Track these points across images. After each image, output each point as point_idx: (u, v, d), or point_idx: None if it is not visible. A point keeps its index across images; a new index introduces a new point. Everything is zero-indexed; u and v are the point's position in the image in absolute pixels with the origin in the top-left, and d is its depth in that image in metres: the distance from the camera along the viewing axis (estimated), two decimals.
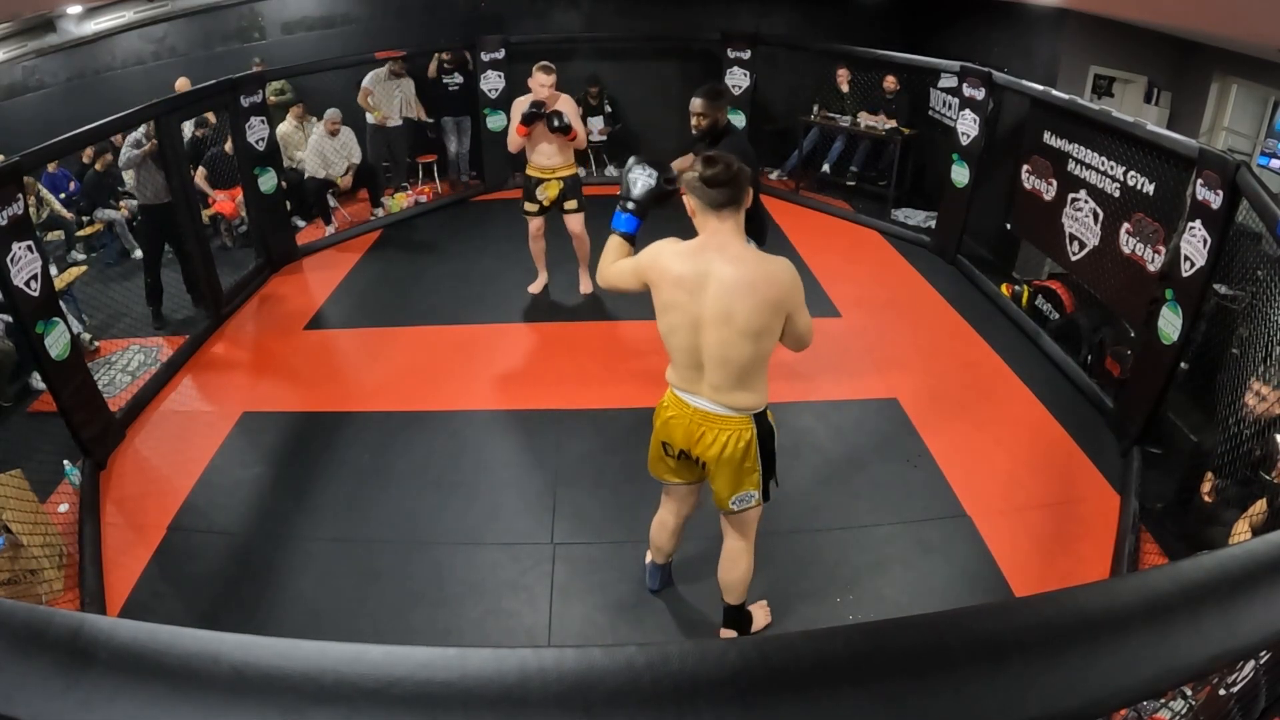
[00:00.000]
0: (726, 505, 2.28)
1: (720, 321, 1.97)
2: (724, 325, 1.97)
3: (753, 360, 2.03)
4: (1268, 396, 2.70)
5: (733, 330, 1.97)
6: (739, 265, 1.96)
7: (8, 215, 3.10)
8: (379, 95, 6.39)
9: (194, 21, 7.09)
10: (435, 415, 3.87)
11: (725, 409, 2.11)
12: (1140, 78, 5.35)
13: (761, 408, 2.16)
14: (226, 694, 0.52)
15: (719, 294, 1.96)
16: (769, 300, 1.96)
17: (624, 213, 2.26)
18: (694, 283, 1.98)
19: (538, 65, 4.20)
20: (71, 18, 6.45)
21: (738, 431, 2.13)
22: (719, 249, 1.98)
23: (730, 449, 2.14)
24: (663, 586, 2.85)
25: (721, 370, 2.04)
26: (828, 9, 7.26)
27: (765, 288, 1.95)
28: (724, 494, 2.25)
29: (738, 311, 1.95)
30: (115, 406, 3.81)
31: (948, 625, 0.56)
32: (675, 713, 0.51)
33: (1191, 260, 3.21)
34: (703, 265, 1.98)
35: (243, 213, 5.85)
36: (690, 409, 2.15)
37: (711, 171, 1.95)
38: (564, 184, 4.51)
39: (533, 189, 4.52)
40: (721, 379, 2.06)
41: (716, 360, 2.03)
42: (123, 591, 2.89)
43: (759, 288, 1.95)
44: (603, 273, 2.24)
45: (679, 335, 2.06)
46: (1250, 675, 1.00)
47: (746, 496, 2.25)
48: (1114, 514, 3.18)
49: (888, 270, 5.56)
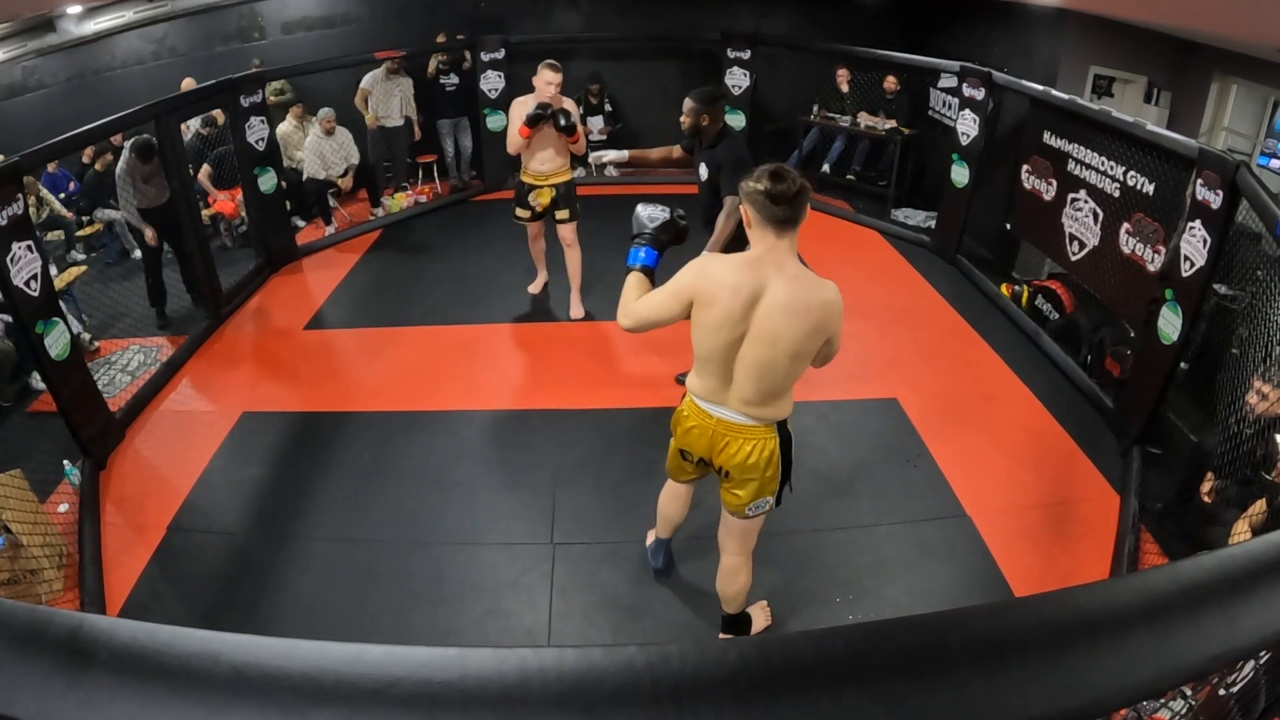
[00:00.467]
0: (742, 512, 2.23)
1: (765, 340, 1.94)
2: (768, 345, 1.94)
3: (787, 378, 2.02)
4: (1270, 396, 2.70)
5: (777, 351, 1.95)
6: (794, 286, 1.92)
7: (8, 215, 3.10)
8: (378, 95, 6.39)
9: (194, 21, 7.09)
10: (435, 415, 3.87)
11: (751, 420, 2.09)
12: (1140, 78, 5.35)
13: (785, 417, 2.13)
14: (226, 694, 0.52)
15: (770, 313, 1.92)
16: (817, 325, 1.93)
17: (641, 247, 2.20)
18: (749, 295, 1.93)
19: (544, 64, 4.05)
20: (71, 18, 6.45)
21: (762, 441, 2.11)
22: (775, 265, 1.93)
23: (755, 457, 2.11)
24: (667, 566, 2.84)
25: (755, 386, 2.02)
26: (828, 9, 7.26)
27: (817, 312, 1.93)
28: (742, 501, 2.21)
29: (784, 333, 1.92)
30: (115, 406, 3.81)
31: (948, 625, 0.56)
32: (675, 713, 0.50)
33: (1191, 260, 3.21)
34: (758, 280, 1.93)
35: (243, 213, 5.85)
36: (713, 419, 2.12)
37: (779, 188, 1.87)
38: (557, 191, 4.38)
39: (525, 195, 4.41)
40: (753, 394, 2.04)
41: (753, 376, 2.00)
42: (123, 591, 2.89)
43: (812, 312, 1.92)
44: (630, 311, 2.12)
45: (717, 346, 2.01)
46: (1250, 675, 1.00)
47: (762, 503, 2.22)
48: (1114, 514, 3.18)
49: (888, 270, 5.56)
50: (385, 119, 6.49)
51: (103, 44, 6.79)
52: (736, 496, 2.21)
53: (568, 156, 4.37)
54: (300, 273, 5.66)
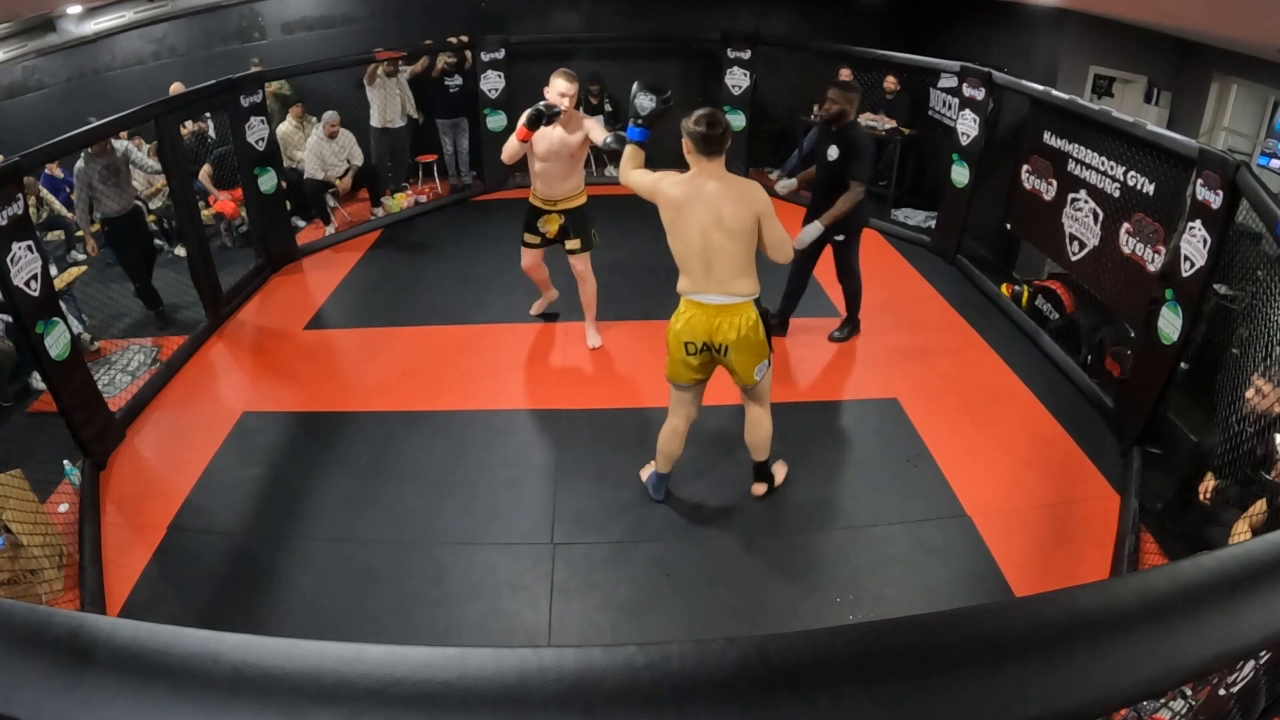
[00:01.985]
0: (751, 379, 2.83)
1: (714, 225, 2.61)
2: (717, 228, 2.61)
3: (744, 255, 2.66)
4: (1267, 393, 2.70)
5: (723, 231, 2.61)
6: (723, 182, 2.64)
7: (8, 215, 3.10)
8: (381, 99, 6.40)
9: (194, 21, 7.10)
10: (435, 415, 3.87)
11: (732, 297, 2.69)
12: (1140, 78, 5.35)
13: (756, 294, 2.74)
14: (226, 694, 0.52)
15: (710, 203, 2.61)
16: (747, 202, 2.62)
17: (635, 126, 2.86)
18: (688, 199, 2.63)
19: (559, 71, 3.70)
20: (71, 18, 6.45)
21: (744, 314, 2.72)
22: (707, 174, 2.64)
23: (744, 329, 2.71)
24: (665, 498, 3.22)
25: (725, 266, 2.65)
26: (828, 9, 7.27)
27: (743, 192, 2.63)
28: (747, 370, 2.80)
29: (726, 214, 2.60)
30: (115, 406, 3.81)
31: (948, 625, 0.56)
32: (675, 713, 0.51)
33: (1191, 260, 3.21)
34: (695, 187, 2.64)
35: (243, 212, 5.85)
36: (706, 306, 2.71)
37: (712, 132, 2.59)
38: (565, 218, 4.00)
39: (534, 220, 4.05)
40: (726, 273, 2.66)
41: (726, 258, 2.64)
42: (123, 591, 2.90)
43: (740, 194, 2.62)
44: (625, 175, 2.86)
45: (688, 245, 2.66)
46: (1250, 675, 1.00)
47: (762, 366, 2.83)
48: (1114, 514, 3.18)
49: (888, 270, 5.55)
50: (390, 121, 6.51)
51: (103, 44, 6.79)
52: (743, 368, 2.79)
53: (579, 180, 3.96)
54: (300, 273, 5.66)
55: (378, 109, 6.46)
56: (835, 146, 3.97)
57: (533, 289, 4.67)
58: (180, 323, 4.88)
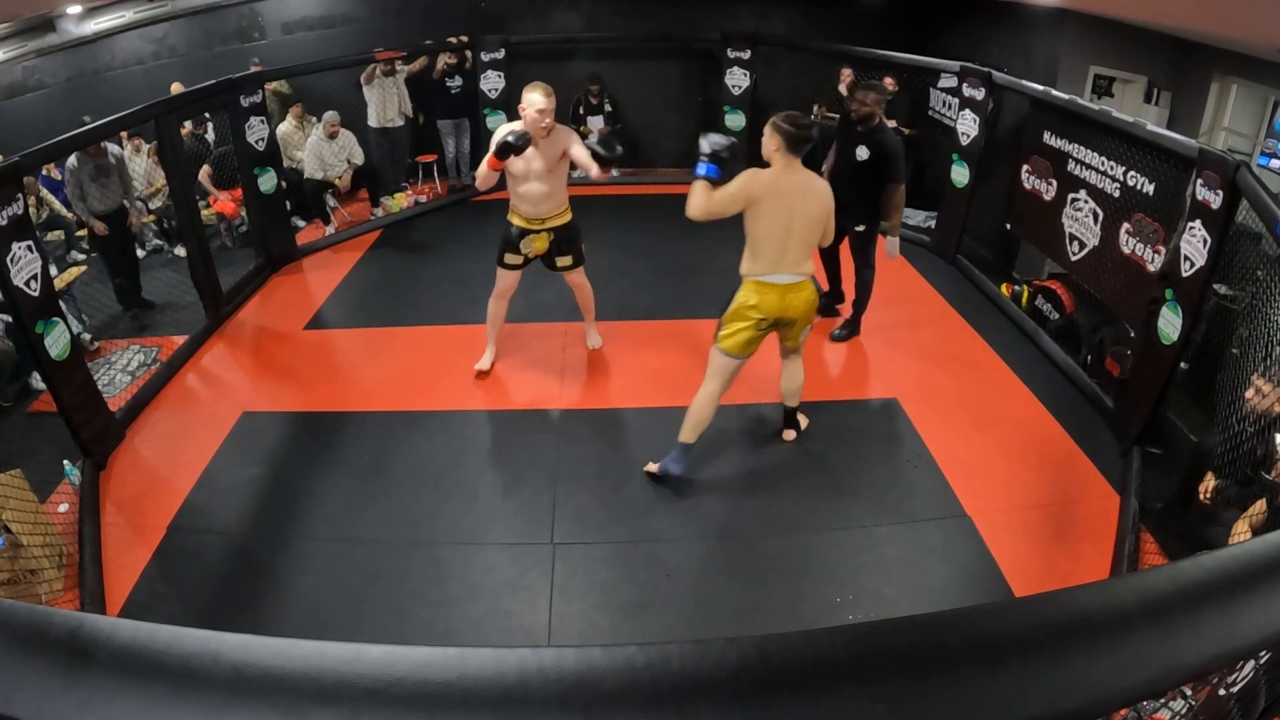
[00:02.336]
0: (799, 343, 3.33)
1: (799, 214, 3.02)
2: (800, 216, 3.02)
3: (814, 241, 3.13)
4: (1267, 392, 2.70)
5: (804, 218, 3.03)
6: (808, 181, 3.07)
7: (8, 215, 3.10)
8: (379, 99, 6.40)
9: (194, 21, 7.09)
10: (435, 415, 3.87)
11: (801, 276, 3.09)
12: (1140, 78, 5.35)
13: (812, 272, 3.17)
14: (226, 694, 0.52)
15: (798, 194, 3.01)
16: (824, 201, 3.10)
17: (708, 164, 3.05)
18: (783, 191, 3.00)
19: (532, 86, 3.45)
20: (71, 18, 6.45)
21: (809, 289, 3.15)
22: (794, 170, 3.04)
23: (809, 302, 3.15)
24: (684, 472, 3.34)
25: (801, 249, 3.06)
26: (828, 9, 7.26)
27: (823, 193, 3.10)
28: (800, 332, 3.27)
29: (809, 206, 3.05)
30: (115, 406, 3.80)
31: (948, 625, 0.56)
32: (675, 713, 0.51)
33: (1191, 260, 3.21)
34: (786, 180, 3.02)
35: (243, 212, 5.85)
36: (779, 285, 3.07)
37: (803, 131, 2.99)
38: (554, 236, 3.77)
39: (515, 241, 3.75)
40: (800, 255, 3.06)
41: (800, 242, 3.04)
42: (123, 591, 2.89)
43: (820, 193, 3.09)
44: (699, 206, 3.00)
45: (776, 230, 3.00)
46: (1250, 675, 1.00)
47: (808, 329, 3.31)
48: (1114, 514, 3.18)
49: (888, 270, 5.53)
50: (389, 121, 6.51)
51: (103, 44, 6.79)
52: (799, 333, 3.27)
53: (564, 196, 3.74)
54: (300, 273, 5.66)
55: (375, 109, 6.45)
56: (865, 148, 4.12)
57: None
58: (180, 323, 4.88)
